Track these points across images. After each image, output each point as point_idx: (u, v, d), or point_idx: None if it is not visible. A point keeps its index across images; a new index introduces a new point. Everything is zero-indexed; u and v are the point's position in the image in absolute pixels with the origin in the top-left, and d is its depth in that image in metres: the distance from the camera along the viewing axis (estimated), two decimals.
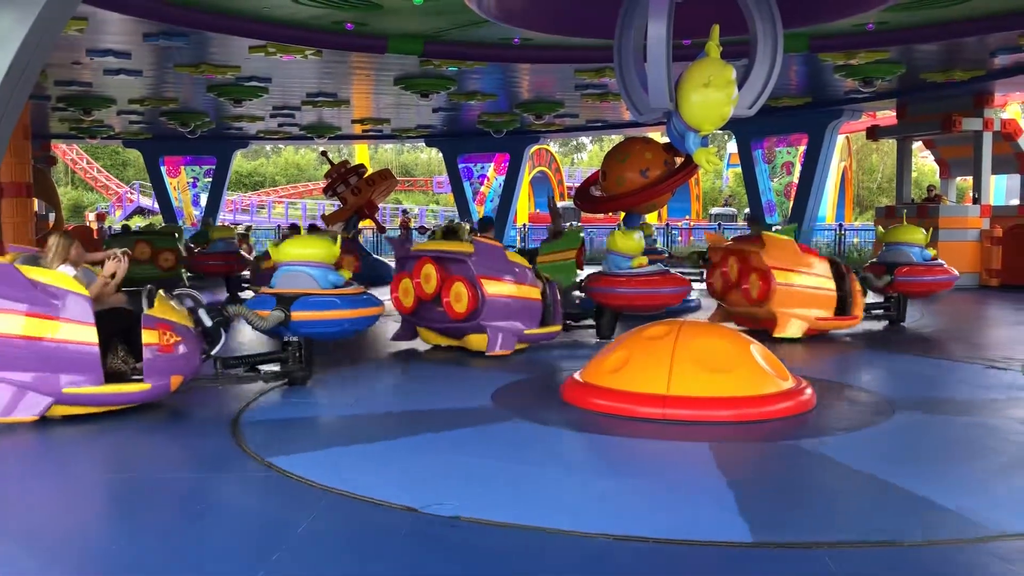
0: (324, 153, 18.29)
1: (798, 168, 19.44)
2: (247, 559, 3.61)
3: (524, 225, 30.38)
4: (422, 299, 8.94)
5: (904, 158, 19.03)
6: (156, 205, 27.24)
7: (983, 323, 12.04)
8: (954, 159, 19.07)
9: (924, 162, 38.38)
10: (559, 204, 37.64)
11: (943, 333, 10.65)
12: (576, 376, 6.69)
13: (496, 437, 5.64)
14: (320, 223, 17.27)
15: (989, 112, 16.45)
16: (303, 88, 16.08)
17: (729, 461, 5.14)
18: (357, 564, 3.62)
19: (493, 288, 8.53)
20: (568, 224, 20.39)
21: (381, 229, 20.39)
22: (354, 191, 16.26)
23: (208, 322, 6.53)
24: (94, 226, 26.37)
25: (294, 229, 15.96)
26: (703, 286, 11.21)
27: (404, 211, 31.89)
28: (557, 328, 9.14)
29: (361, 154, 39.30)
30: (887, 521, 4.01)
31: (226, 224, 21.76)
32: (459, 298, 8.52)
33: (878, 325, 10.83)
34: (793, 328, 9.51)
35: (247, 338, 9.80)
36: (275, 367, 7.12)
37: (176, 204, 24.82)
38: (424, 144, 25.34)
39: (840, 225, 26.18)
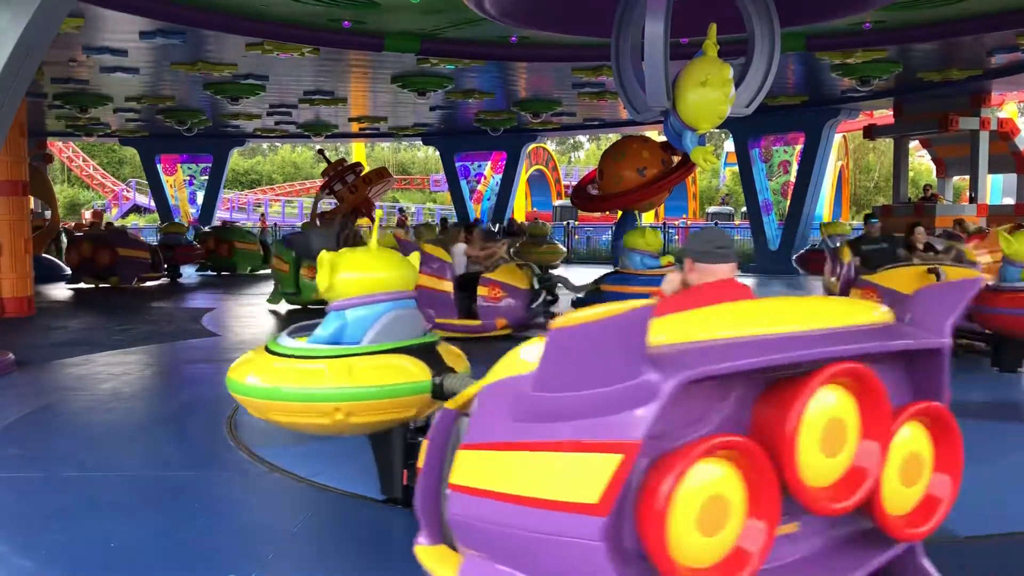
0: (321, 151, 18.26)
1: (795, 167, 19.46)
2: (242, 558, 3.61)
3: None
4: None
5: (901, 157, 19.05)
6: (152, 203, 27.22)
7: None
8: (951, 158, 19.10)
9: (921, 161, 38.45)
10: (556, 203, 37.75)
11: None
12: None
13: None
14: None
15: (986, 111, 16.47)
16: (300, 86, 16.06)
17: None
18: (352, 562, 3.62)
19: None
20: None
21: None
22: (351, 189, 16.24)
23: (536, 285, 8.97)
24: (94, 223, 26.36)
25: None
26: None
27: (401, 210, 31.88)
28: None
29: (358, 152, 39.29)
30: None
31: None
32: None
33: None
34: None
35: None
36: None
37: (172, 202, 24.80)
38: (421, 142, 25.35)
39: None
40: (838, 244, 10.65)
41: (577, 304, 10.93)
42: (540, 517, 1.96)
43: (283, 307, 12.58)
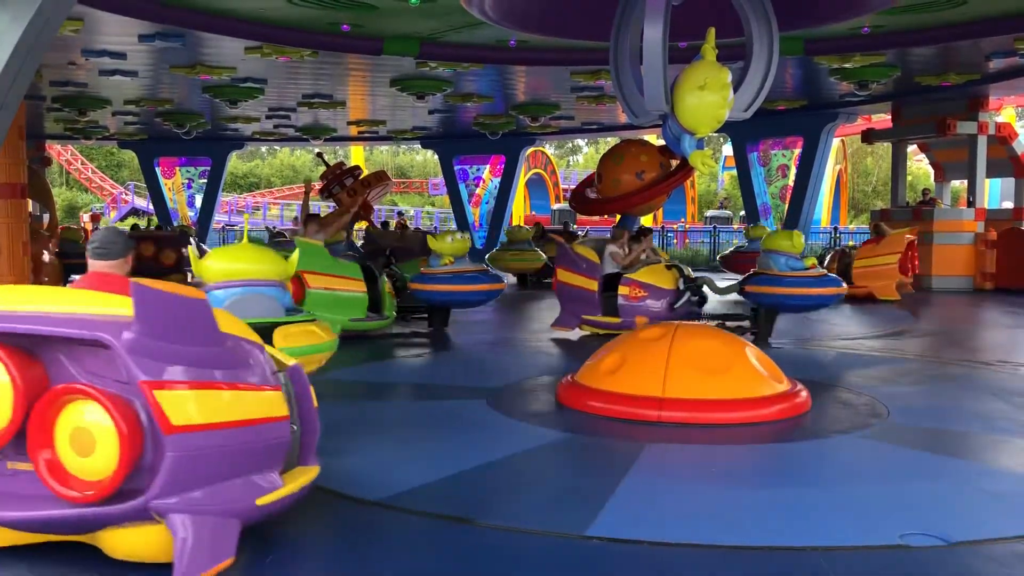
0: (320, 155, 18.25)
1: (793, 171, 19.48)
2: (241, 560, 3.60)
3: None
4: None
5: (899, 161, 19.08)
6: (151, 206, 27.21)
7: (977, 326, 12.06)
8: (949, 162, 19.12)
9: (919, 165, 38.50)
10: (555, 206, 37.76)
11: (937, 336, 10.66)
12: (571, 378, 6.69)
13: (496, 439, 5.64)
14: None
15: (984, 115, 16.49)
16: (299, 89, 16.07)
17: (724, 463, 5.13)
18: (354, 565, 3.61)
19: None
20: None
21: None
22: (349, 193, 16.24)
23: (682, 286, 9.09)
24: (89, 227, 26.35)
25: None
26: None
27: (400, 213, 31.88)
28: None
29: (357, 156, 39.31)
30: (882, 523, 4.02)
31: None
32: None
33: (867, 332, 10.84)
34: None
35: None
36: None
37: (171, 205, 24.79)
38: (420, 146, 25.36)
39: (835, 228, 26.25)
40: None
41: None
42: None
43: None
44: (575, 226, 28.08)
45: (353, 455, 5.24)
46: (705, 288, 9.69)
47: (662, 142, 9.82)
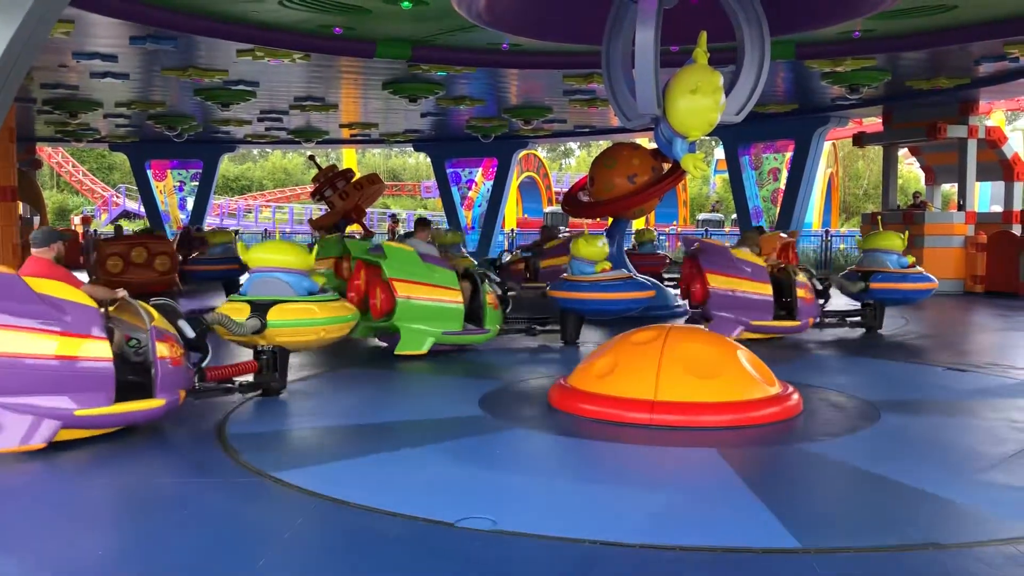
0: (312, 157, 18.22)
1: (785, 174, 19.53)
2: (232, 565, 3.60)
3: (512, 230, 30.41)
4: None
5: (890, 165, 19.14)
6: (142, 209, 27.13)
7: (967, 329, 12.10)
8: (939, 166, 19.18)
9: (910, 169, 38.63)
10: (547, 209, 37.76)
11: (928, 339, 10.71)
12: (563, 381, 6.69)
13: (488, 445, 5.64)
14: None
15: (974, 119, 16.57)
16: (291, 92, 16.05)
17: (716, 466, 5.14)
18: (343, 570, 3.60)
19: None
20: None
21: (369, 234, 20.35)
22: (342, 196, 16.22)
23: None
24: (79, 230, 26.24)
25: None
26: None
27: (393, 216, 31.87)
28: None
29: (349, 158, 39.25)
30: (877, 525, 4.03)
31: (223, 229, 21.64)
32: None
33: (857, 332, 10.87)
34: None
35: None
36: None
37: (163, 208, 24.72)
38: (412, 149, 25.33)
39: (826, 231, 26.31)
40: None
41: None
42: None
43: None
44: (567, 229, 28.07)
45: (344, 461, 5.23)
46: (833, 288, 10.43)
47: (654, 145, 9.84)
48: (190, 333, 6.14)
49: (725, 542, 3.83)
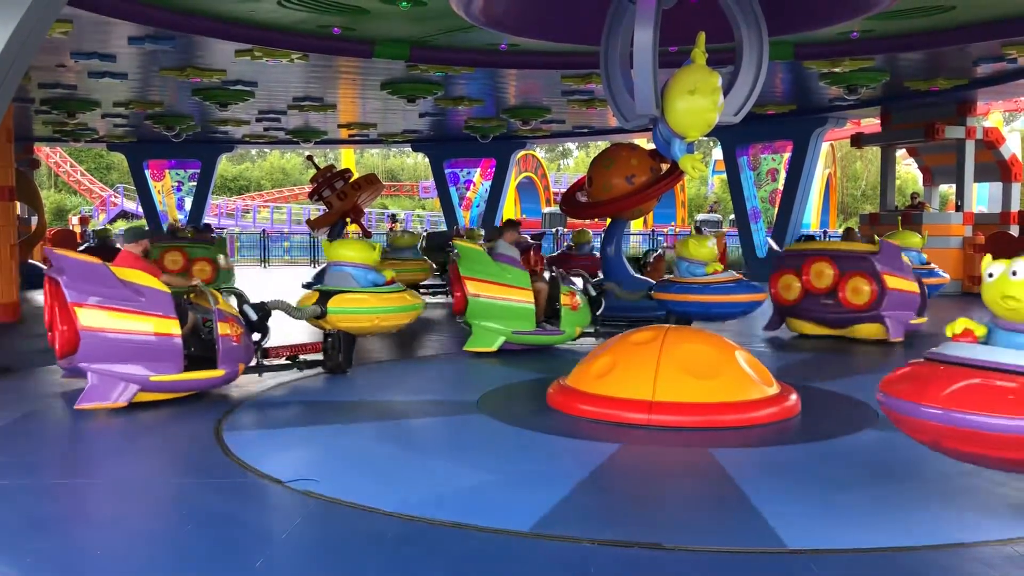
0: (310, 157, 18.21)
1: (783, 175, 19.55)
2: (230, 566, 3.59)
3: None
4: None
5: (888, 165, 19.16)
6: (140, 209, 27.11)
7: None
8: (937, 167, 19.21)
9: (908, 169, 38.66)
10: (545, 209, 37.75)
11: (926, 339, 10.69)
12: (562, 381, 6.69)
13: (481, 443, 5.64)
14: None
15: (972, 120, 16.59)
16: (289, 92, 16.04)
17: (711, 467, 5.14)
18: (341, 570, 3.60)
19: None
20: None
21: (367, 234, 20.34)
22: (340, 196, 16.21)
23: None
24: (77, 230, 26.20)
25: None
26: None
27: (392, 216, 31.79)
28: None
29: (347, 159, 39.24)
30: (873, 527, 4.03)
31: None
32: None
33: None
34: None
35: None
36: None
37: (160, 208, 24.70)
38: (410, 149, 25.33)
39: (824, 232, 26.33)
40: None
41: None
42: None
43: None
44: (565, 229, 28.05)
45: (343, 462, 5.23)
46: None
47: (652, 146, 9.83)
48: (253, 316, 7.18)
49: (710, 543, 3.84)
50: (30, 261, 16.53)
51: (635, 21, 6.33)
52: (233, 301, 7.18)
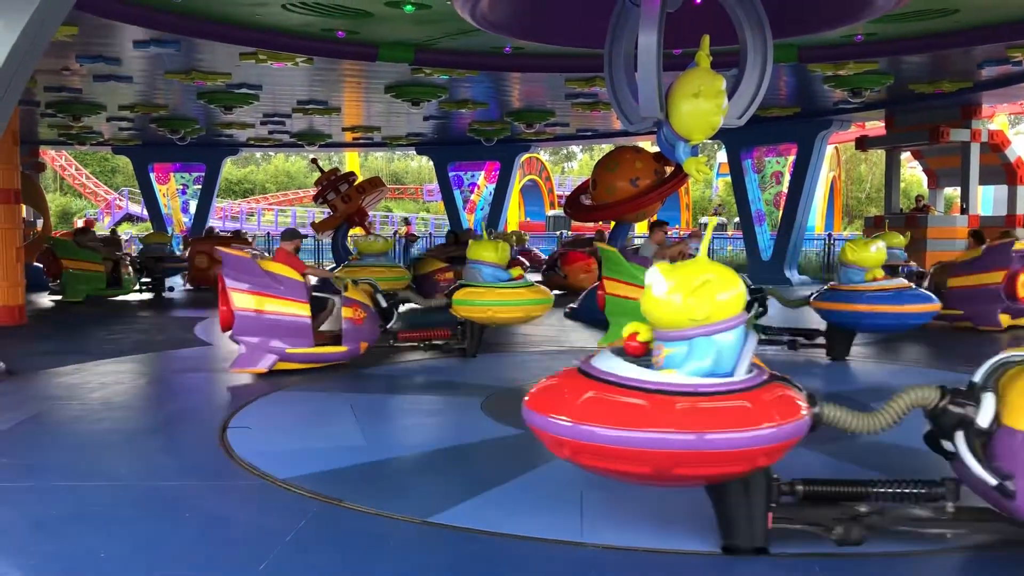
0: (314, 160, 18.23)
1: (787, 178, 19.53)
2: (235, 567, 3.59)
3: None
4: None
5: (892, 168, 19.14)
6: (145, 212, 27.17)
7: (972, 333, 12.06)
8: (942, 169, 19.19)
9: (912, 172, 38.61)
10: (550, 213, 37.77)
11: (932, 343, 10.67)
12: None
13: (485, 449, 5.64)
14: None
15: (976, 123, 16.57)
16: (293, 95, 16.07)
17: None
18: (345, 572, 3.60)
19: None
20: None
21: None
22: (344, 199, 16.23)
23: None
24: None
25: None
26: None
27: (407, 220, 31.57)
28: None
29: (351, 162, 39.29)
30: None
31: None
32: None
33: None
34: None
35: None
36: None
37: (165, 211, 24.75)
38: (415, 152, 25.37)
39: (829, 235, 26.29)
40: None
41: None
42: None
43: None
44: (568, 232, 28.03)
45: (348, 463, 5.23)
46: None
47: (656, 149, 9.83)
48: (383, 303, 8.64)
49: (666, 544, 3.84)
50: (36, 264, 16.56)
51: (639, 24, 6.33)
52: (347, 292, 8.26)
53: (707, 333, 3.47)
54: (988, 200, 25.70)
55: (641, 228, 23.38)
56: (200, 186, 24.34)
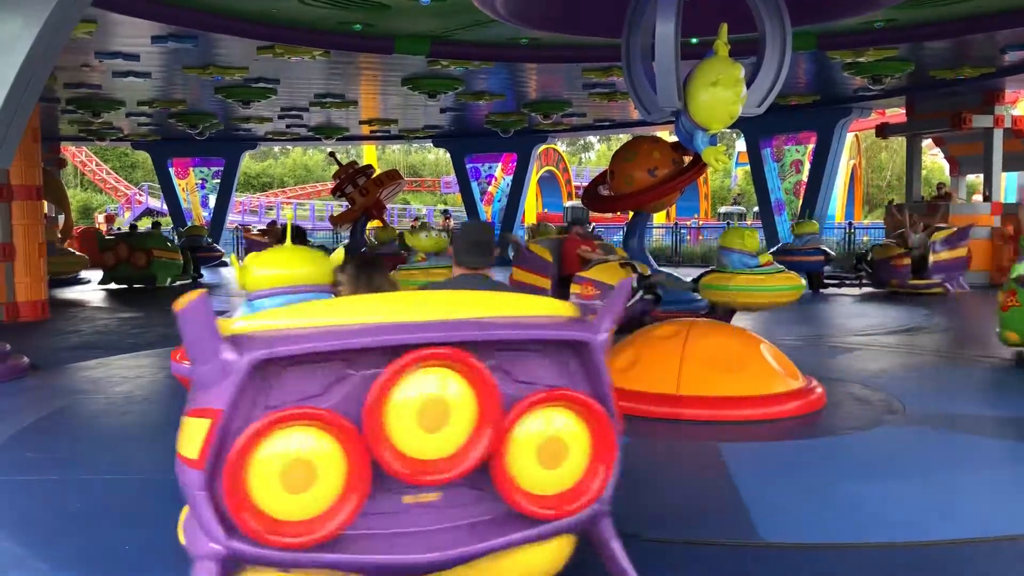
0: (332, 154, 18.33)
1: (807, 166, 19.39)
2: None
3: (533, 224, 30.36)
4: None
5: (914, 156, 18.96)
6: (165, 207, 27.36)
7: (994, 321, 11.95)
8: (964, 156, 18.98)
9: (934, 160, 38.22)
10: (567, 204, 37.67)
11: (953, 331, 10.59)
12: None
13: None
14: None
15: (999, 109, 16.37)
16: (311, 89, 16.11)
17: (738, 461, 5.11)
18: None
19: None
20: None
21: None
22: (362, 192, 16.29)
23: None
24: (103, 228, 26.52)
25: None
26: None
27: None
28: None
29: (369, 155, 39.38)
30: (891, 522, 3.99)
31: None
32: None
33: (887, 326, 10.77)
34: None
35: None
36: None
37: (185, 205, 24.91)
38: (432, 144, 25.40)
39: (850, 224, 26.09)
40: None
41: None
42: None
43: None
44: (591, 225, 27.94)
45: None
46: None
47: (675, 138, 9.78)
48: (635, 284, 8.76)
49: (684, 534, 3.85)
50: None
51: (657, 13, 6.30)
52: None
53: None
54: (1011, 187, 25.43)
55: (659, 219, 23.32)
56: (219, 180, 24.48)
